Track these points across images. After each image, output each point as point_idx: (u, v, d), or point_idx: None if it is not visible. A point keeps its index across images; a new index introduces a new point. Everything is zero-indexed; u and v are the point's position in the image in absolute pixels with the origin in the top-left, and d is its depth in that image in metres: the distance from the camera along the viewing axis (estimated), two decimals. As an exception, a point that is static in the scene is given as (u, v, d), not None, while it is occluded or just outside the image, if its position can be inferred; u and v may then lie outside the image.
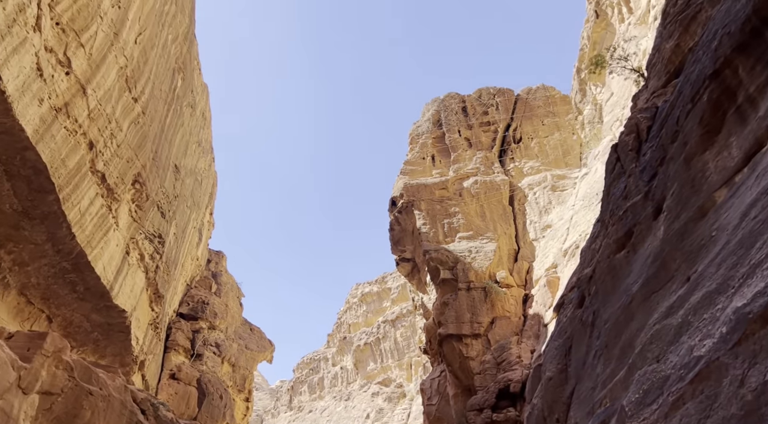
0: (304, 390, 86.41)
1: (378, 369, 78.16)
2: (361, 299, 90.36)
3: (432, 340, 32.05)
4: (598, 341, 15.58)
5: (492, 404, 22.26)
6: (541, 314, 23.90)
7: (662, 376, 10.95)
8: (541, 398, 19.35)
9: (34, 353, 13.31)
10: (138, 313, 25.16)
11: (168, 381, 31.18)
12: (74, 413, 14.96)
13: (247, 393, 40.10)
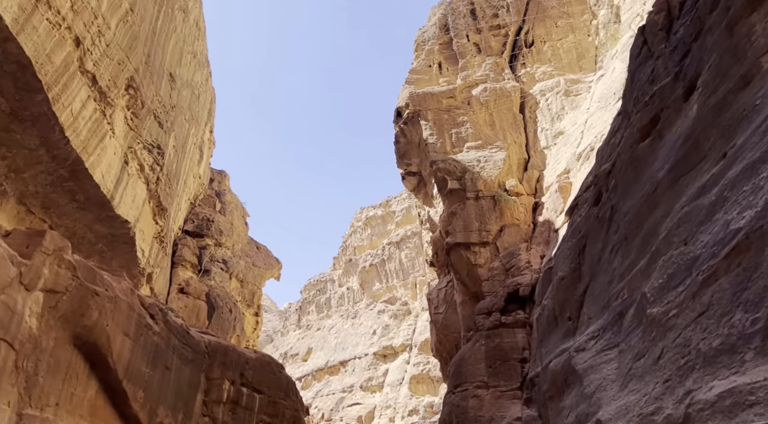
0: (312, 310, 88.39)
1: (383, 289, 79.47)
2: (365, 223, 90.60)
3: (439, 252, 31.82)
4: (616, 235, 15.05)
5: (500, 307, 22.23)
6: (552, 220, 23.42)
7: (690, 257, 10.41)
8: (552, 299, 19.17)
9: (34, 250, 12.88)
10: (142, 225, 24.81)
11: (177, 295, 31.38)
12: (81, 312, 14.77)
13: (256, 308, 40.68)
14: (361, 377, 69.05)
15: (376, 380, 67.63)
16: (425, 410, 59.65)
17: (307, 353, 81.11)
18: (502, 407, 20.27)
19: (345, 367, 72.10)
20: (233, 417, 25.19)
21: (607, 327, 14.13)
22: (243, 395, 25.98)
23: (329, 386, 71.10)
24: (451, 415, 21.37)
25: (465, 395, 21.28)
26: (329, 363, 73.77)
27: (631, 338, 12.23)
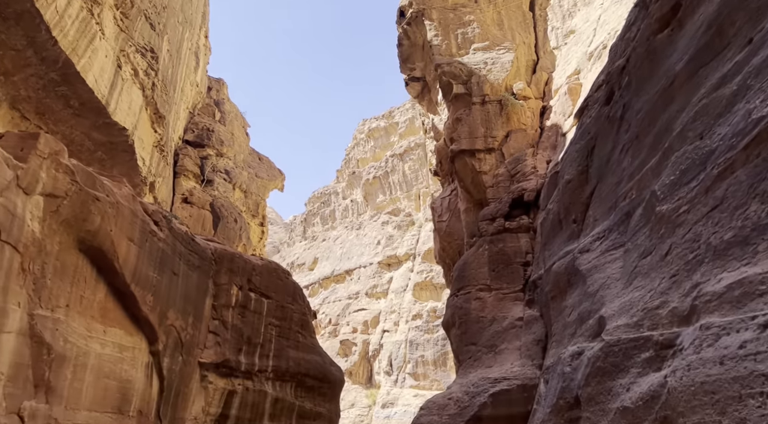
0: (317, 222, 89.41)
1: (387, 201, 79.84)
2: (368, 135, 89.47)
3: (443, 160, 31.41)
4: (627, 134, 14.57)
5: (505, 212, 22.16)
6: (560, 124, 22.80)
7: (706, 151, 10.01)
8: (557, 202, 19.01)
9: (29, 153, 12.55)
10: (140, 133, 24.32)
11: (181, 205, 31.42)
12: (83, 217, 14.69)
13: (261, 219, 40.96)
14: (366, 285, 71.01)
15: (381, 288, 69.57)
16: (428, 314, 61.73)
17: (314, 263, 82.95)
18: (504, 308, 20.70)
19: (350, 275, 73.97)
20: (243, 320, 25.94)
21: (612, 228, 14.01)
22: (251, 300, 26.61)
23: (335, 294, 73.30)
24: (454, 316, 21.91)
25: (468, 297, 21.70)
26: (335, 272, 75.64)
27: (638, 236, 12.11)
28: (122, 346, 17.81)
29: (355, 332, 67.74)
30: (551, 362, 15.44)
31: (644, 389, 9.12)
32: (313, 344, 30.16)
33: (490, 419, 17.27)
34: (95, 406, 16.04)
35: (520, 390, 17.14)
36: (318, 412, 28.62)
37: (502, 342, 19.61)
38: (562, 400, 12.35)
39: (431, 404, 18.98)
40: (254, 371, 25.93)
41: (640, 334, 10.03)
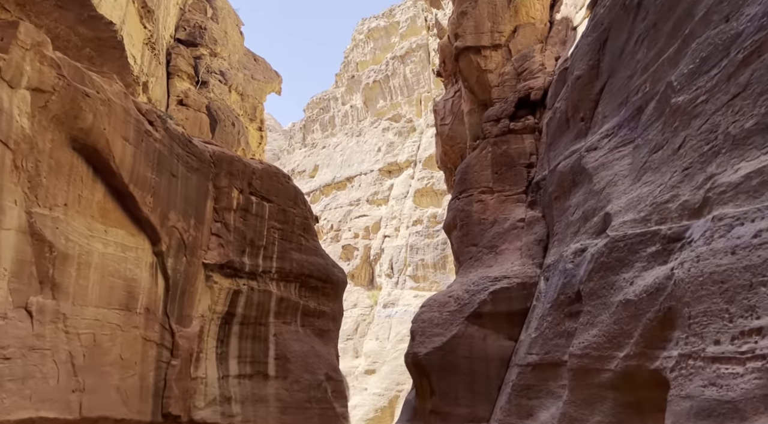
0: (316, 128, 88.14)
1: (388, 106, 78.18)
2: (368, 35, 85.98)
3: (446, 59, 30.17)
4: (644, 22, 13.66)
5: (510, 113, 21.51)
6: (571, 17, 21.57)
7: (731, 35, 9.31)
8: (565, 100, 18.33)
9: (9, 43, 11.83)
10: (129, 28, 23.10)
11: (176, 107, 30.59)
12: (74, 114, 14.17)
13: (259, 123, 40.15)
14: (367, 192, 71.20)
15: (382, 194, 69.81)
16: (429, 220, 62.38)
17: (314, 170, 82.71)
18: (505, 210, 20.62)
19: (351, 182, 73.99)
20: (245, 223, 26.03)
21: (623, 124, 13.53)
22: (252, 204, 26.56)
23: (336, 200, 73.68)
24: (456, 219, 21.90)
25: (470, 200, 21.57)
26: (336, 179, 75.60)
27: (649, 131, 11.68)
28: (125, 246, 17.89)
29: (357, 238, 68.81)
30: (552, 260, 15.53)
31: (649, 282, 9.09)
32: (315, 247, 30.54)
33: (489, 315, 17.68)
34: (102, 303, 16.34)
35: (520, 288, 17.40)
36: (322, 311, 29.49)
37: (503, 243, 19.71)
38: (563, 295, 12.48)
39: (432, 302, 19.41)
40: (258, 272, 26.40)
41: (647, 229, 9.88)
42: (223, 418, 23.29)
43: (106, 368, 16.18)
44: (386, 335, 58.33)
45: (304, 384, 26.16)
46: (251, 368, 25.29)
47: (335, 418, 26.52)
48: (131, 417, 17.23)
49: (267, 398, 25.15)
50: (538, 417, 12.68)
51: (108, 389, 16.10)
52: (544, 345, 12.93)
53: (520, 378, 13.67)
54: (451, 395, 17.28)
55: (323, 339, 29.32)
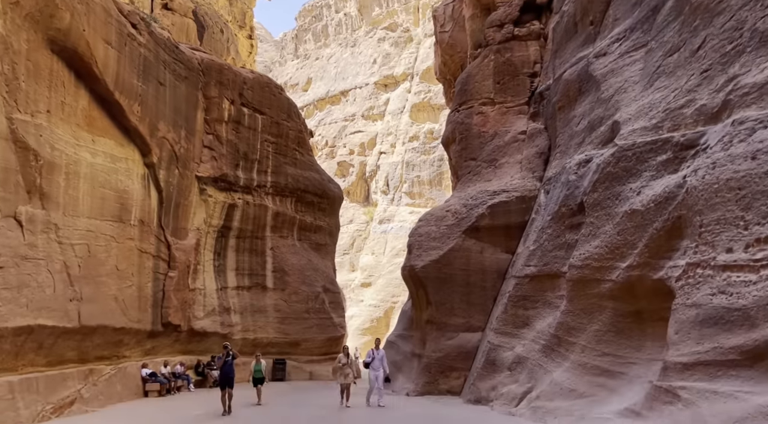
0: (309, 38, 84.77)
1: (383, 14, 74.79)
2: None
3: (448, -39, 28.35)
4: None
5: (514, 18, 20.38)
6: None
7: None
8: (573, 3, 17.12)
9: (-30, -72, 10.68)
10: None
11: (161, 12, 28.94)
12: (49, 12, 13.20)
13: (249, 30, 38.29)
14: (362, 106, 69.63)
15: (377, 109, 68.33)
16: (425, 136, 61.50)
17: (307, 83, 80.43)
18: (507, 122, 20.02)
19: (346, 96, 72.16)
20: (237, 136, 25.38)
21: (635, 26, 12.71)
22: (244, 115, 25.77)
23: (331, 115, 72.19)
24: (455, 132, 21.33)
25: (470, 112, 20.89)
26: (330, 93, 73.66)
27: (665, 33, 10.94)
28: (114, 156, 17.37)
29: (352, 154, 68.07)
30: (554, 172, 15.19)
31: (657, 191, 8.77)
32: (311, 162, 30.06)
33: (487, 229, 17.58)
34: (94, 214, 16.06)
35: (519, 201, 17.18)
36: (318, 225, 29.49)
37: (503, 156, 19.28)
38: (564, 207, 12.24)
39: (429, 216, 19.26)
40: (253, 186, 26.05)
41: (659, 136, 9.45)
42: (223, 327, 23.80)
43: (102, 278, 16.15)
44: (382, 249, 59.10)
45: (302, 296, 26.59)
46: (249, 280, 25.57)
47: (333, 327, 27.20)
48: (131, 326, 17.45)
49: (266, 308, 25.62)
50: (534, 326, 12.81)
51: (106, 299, 16.17)
52: (543, 257, 12.85)
53: (517, 289, 13.72)
54: (447, 306, 17.51)
55: (320, 253, 29.53)
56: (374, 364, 15.07)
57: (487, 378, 13.76)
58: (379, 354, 15.23)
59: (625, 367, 9.11)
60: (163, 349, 21.16)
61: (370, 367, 15.25)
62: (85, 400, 14.84)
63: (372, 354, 15.35)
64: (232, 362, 13.53)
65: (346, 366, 14.78)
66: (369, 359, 15.35)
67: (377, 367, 15.00)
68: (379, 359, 15.07)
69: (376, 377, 14.89)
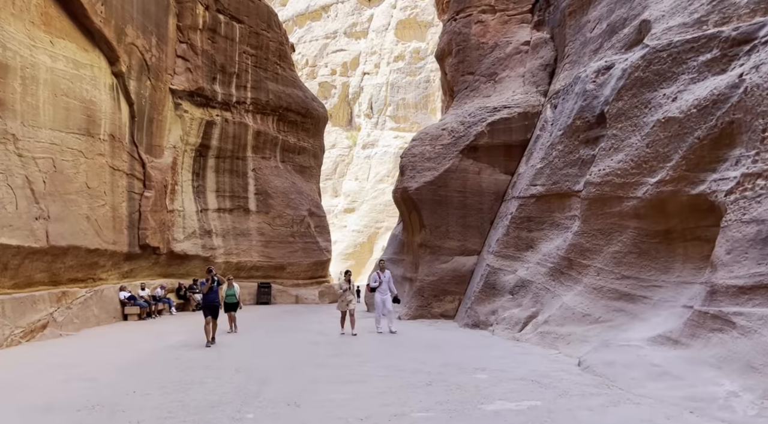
0: (288, -51, 79.15)
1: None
2: None
3: None
4: None
5: None
6: None
7: None
8: None
9: None
10: None
11: None
12: None
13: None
14: (344, 23, 66.18)
15: (361, 26, 65.03)
16: (411, 55, 58.96)
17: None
18: (508, 32, 18.49)
19: (327, 12, 68.36)
20: (213, 46, 23.42)
21: None
22: (221, 23, 23.70)
23: (311, 32, 68.66)
24: (451, 43, 19.73)
25: (468, 20, 19.23)
26: (310, 8, 69.67)
27: None
28: (77, 62, 15.64)
29: (334, 74, 65.36)
30: (563, 84, 13.97)
31: (701, 94, 7.69)
32: (293, 78, 28.21)
33: (485, 148, 16.50)
34: (59, 125, 14.56)
35: (521, 118, 16.03)
36: (302, 147, 28.09)
37: (504, 70, 17.91)
38: (579, 120, 11.14)
39: (423, 135, 18.05)
40: (232, 102, 24.37)
41: (702, 32, 8.25)
42: (204, 250, 22.88)
43: (71, 196, 14.90)
44: (365, 175, 57.99)
45: (286, 219, 25.62)
46: (231, 202, 24.42)
47: (319, 251, 26.47)
48: (106, 247, 16.40)
49: (249, 232, 24.67)
50: (539, 248, 12.04)
51: (77, 219, 14.99)
52: (552, 175, 11.89)
53: (521, 211, 12.84)
54: (442, 229, 16.68)
55: (304, 176, 28.32)
56: (381, 287, 13.95)
57: (486, 302, 13.13)
58: (385, 277, 14.06)
59: (649, 291, 8.38)
60: (142, 272, 20.26)
61: (376, 291, 14.03)
62: (58, 323, 13.98)
63: (378, 278, 14.10)
64: (217, 288, 12.13)
65: (348, 292, 13.60)
66: (375, 283, 14.09)
67: (384, 290, 13.91)
68: (386, 282, 13.97)
69: (383, 301, 13.80)
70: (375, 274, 14.33)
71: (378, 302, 13.95)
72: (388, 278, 14.08)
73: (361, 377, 7.56)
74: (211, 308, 11.78)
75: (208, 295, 11.89)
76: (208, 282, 11.90)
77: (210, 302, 11.84)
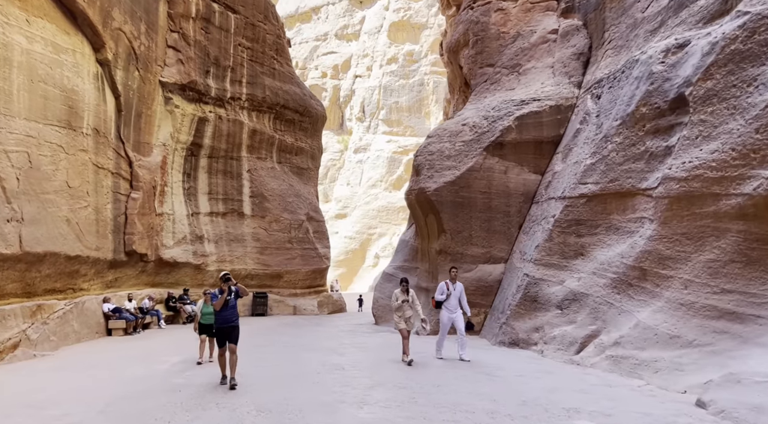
0: (277, -51, 77.58)
1: (360, -75, 68.41)
2: None
3: None
4: None
5: None
6: None
7: None
8: None
9: None
10: None
11: None
12: None
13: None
14: (335, 25, 64.68)
15: (352, 28, 63.57)
16: (404, 58, 57.58)
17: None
18: (532, 20, 17.06)
19: (317, 13, 66.83)
20: (207, 37, 21.69)
21: None
22: (215, 12, 21.98)
23: (301, 35, 67.05)
24: (468, 34, 18.25)
25: (487, 8, 17.78)
26: (299, 9, 68.09)
27: None
28: (58, 46, 13.85)
29: (325, 77, 63.74)
30: (607, 72, 12.51)
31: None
32: (290, 74, 26.51)
33: (513, 145, 14.98)
34: (35, 115, 12.76)
35: (554, 111, 14.55)
36: (300, 147, 26.36)
37: (529, 60, 16.44)
38: (645, 107, 9.64)
39: (441, 131, 16.48)
40: (226, 98, 22.60)
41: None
42: (195, 257, 21.02)
43: (49, 196, 13.07)
44: (357, 180, 56.35)
45: (283, 224, 23.82)
46: (224, 205, 22.59)
47: (317, 258, 24.69)
48: (88, 254, 14.55)
49: (243, 237, 22.83)
50: (593, 256, 10.48)
51: (55, 221, 13.16)
52: (608, 172, 10.37)
53: (567, 213, 11.30)
54: (465, 233, 15.10)
55: (302, 178, 26.56)
56: (449, 302, 10.90)
57: (527, 317, 11.55)
58: (456, 290, 10.95)
59: (764, 308, 6.86)
60: (128, 281, 18.38)
61: (443, 306, 10.99)
62: (32, 342, 12.12)
63: (446, 289, 10.95)
64: (235, 302, 8.72)
65: (406, 305, 10.53)
66: (441, 296, 10.96)
67: (454, 306, 10.87)
68: (456, 296, 10.94)
69: (451, 320, 10.85)
70: (443, 284, 11.16)
71: (444, 320, 11.02)
72: (460, 291, 11.06)
73: (422, 420, 5.92)
74: (226, 332, 8.51)
75: (224, 312, 8.53)
76: (224, 294, 8.51)
77: (226, 323, 8.53)
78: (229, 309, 8.56)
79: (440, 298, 10.96)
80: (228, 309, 8.54)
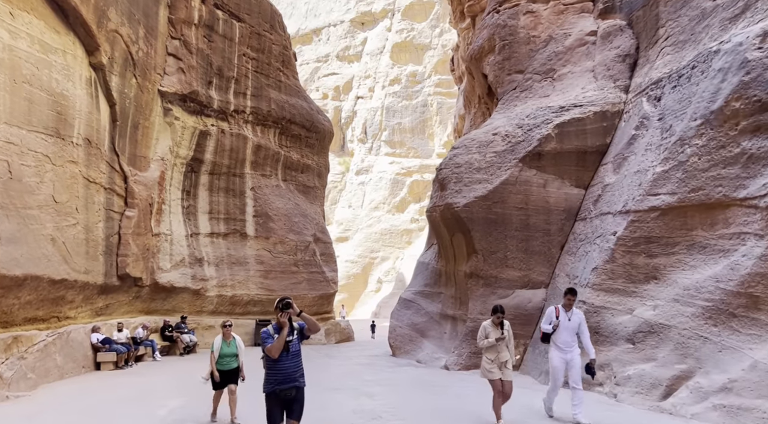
0: (278, -28, 77.27)
1: (361, -53, 68.16)
2: None
3: None
4: None
5: None
6: None
7: None
8: None
9: None
10: None
11: None
12: None
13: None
14: (336, 46, 63.86)
15: (354, 49, 62.75)
16: (407, 79, 56.58)
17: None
18: (565, 23, 15.73)
19: (318, 35, 66.08)
20: (210, 45, 20.31)
21: None
22: (218, 20, 20.64)
23: (302, 56, 66.15)
24: (493, 39, 16.89)
25: (515, 11, 16.47)
26: (300, 31, 67.33)
27: None
28: (46, 45, 12.39)
29: (326, 98, 62.65)
30: (667, 70, 11.06)
31: None
32: (297, 87, 25.13)
33: (552, 155, 13.48)
34: (17, 121, 11.21)
35: (599, 118, 13.09)
36: (306, 164, 24.83)
37: (564, 65, 15.05)
38: (739, 101, 8.14)
39: (469, 142, 14.98)
40: (229, 110, 21.14)
41: None
42: (194, 281, 19.27)
43: (32, 211, 11.44)
44: (359, 202, 54.80)
45: (289, 246, 22.12)
46: (226, 226, 20.93)
47: (325, 283, 22.94)
48: (76, 278, 12.84)
49: (246, 260, 21.09)
50: (673, 280, 8.85)
51: (38, 241, 11.49)
52: (689, 180, 8.82)
53: (634, 229, 9.71)
54: (499, 254, 13.48)
55: (308, 197, 24.96)
56: (561, 336, 7.83)
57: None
58: (573, 320, 7.81)
59: None
60: (120, 308, 16.60)
61: (551, 341, 8.03)
62: (5, 381, 10.36)
63: (554, 317, 7.94)
64: (299, 344, 5.60)
65: (502, 344, 7.58)
66: (548, 326, 8.01)
67: (569, 343, 7.82)
68: (573, 329, 7.82)
69: (566, 362, 7.82)
70: (552, 309, 8.08)
71: (557, 364, 7.90)
72: (579, 321, 7.86)
73: None
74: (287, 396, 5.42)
75: (285, 362, 5.44)
76: (283, 331, 5.41)
77: (288, 381, 5.42)
78: (291, 357, 5.43)
79: (547, 328, 8.00)
80: (290, 357, 5.41)
